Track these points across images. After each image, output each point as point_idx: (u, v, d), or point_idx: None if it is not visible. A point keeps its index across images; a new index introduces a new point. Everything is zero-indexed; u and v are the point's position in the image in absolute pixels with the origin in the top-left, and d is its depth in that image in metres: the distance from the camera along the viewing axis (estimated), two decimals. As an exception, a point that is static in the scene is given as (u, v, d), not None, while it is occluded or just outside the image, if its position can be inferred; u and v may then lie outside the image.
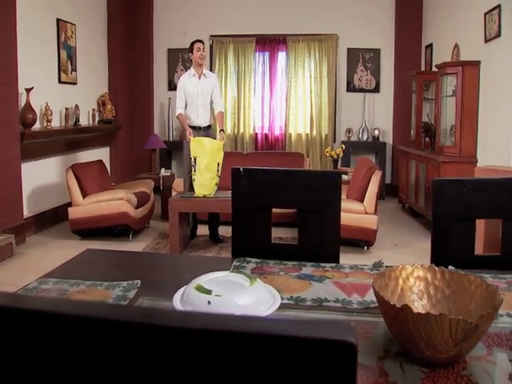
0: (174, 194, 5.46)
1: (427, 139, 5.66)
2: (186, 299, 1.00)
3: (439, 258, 1.53)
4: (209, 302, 0.94)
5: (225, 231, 5.05)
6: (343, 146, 5.85)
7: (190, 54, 4.68)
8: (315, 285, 1.34)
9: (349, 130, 6.77)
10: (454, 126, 5.01)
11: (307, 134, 6.88)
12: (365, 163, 4.85)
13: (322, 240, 1.55)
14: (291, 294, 1.26)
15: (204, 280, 1.02)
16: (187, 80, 4.64)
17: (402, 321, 0.92)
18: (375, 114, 6.80)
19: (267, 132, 7.01)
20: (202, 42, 4.75)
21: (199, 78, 4.66)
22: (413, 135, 6.15)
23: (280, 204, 1.60)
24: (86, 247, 5.29)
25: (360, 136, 6.74)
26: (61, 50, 5.45)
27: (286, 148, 6.85)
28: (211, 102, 4.76)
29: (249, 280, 1.03)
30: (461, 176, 4.90)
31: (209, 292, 0.96)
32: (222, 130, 4.78)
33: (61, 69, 5.47)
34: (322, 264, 1.50)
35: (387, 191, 6.58)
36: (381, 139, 6.75)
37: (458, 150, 4.96)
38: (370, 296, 1.29)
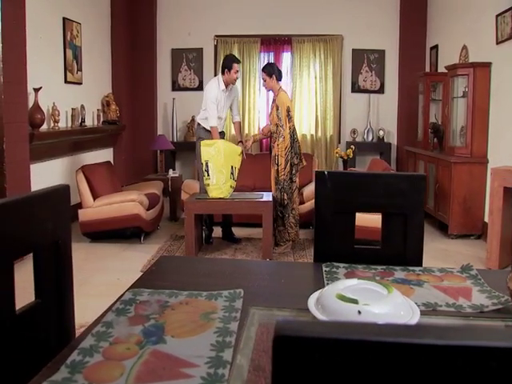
0: (183, 195, 5.40)
1: (435, 140, 5.69)
2: (325, 309, 0.96)
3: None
4: (359, 312, 0.90)
5: (237, 233, 4.99)
6: (353, 146, 5.85)
7: (226, 70, 4.46)
8: (417, 289, 1.31)
9: (354, 131, 6.78)
10: (465, 126, 5.05)
11: (312, 135, 6.87)
12: (379, 164, 4.86)
13: (407, 243, 1.52)
14: (400, 300, 1.22)
15: (339, 289, 0.99)
16: (218, 93, 4.48)
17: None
18: (380, 114, 6.82)
19: (272, 133, 6.97)
20: (240, 62, 4.67)
21: (226, 91, 4.57)
22: (420, 136, 6.19)
23: (365, 207, 1.57)
24: (96, 249, 5.16)
25: (365, 137, 6.75)
26: (67, 49, 5.34)
27: (291, 149, 6.81)
28: (229, 110, 4.75)
29: (385, 288, 1.00)
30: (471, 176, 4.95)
31: (355, 301, 0.92)
32: (241, 141, 4.67)
33: (67, 68, 5.35)
34: (410, 268, 1.48)
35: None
36: (385, 140, 6.77)
37: (469, 150, 4.99)
38: (477, 299, 1.27)
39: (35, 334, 1.10)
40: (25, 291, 1.20)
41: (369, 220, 3.14)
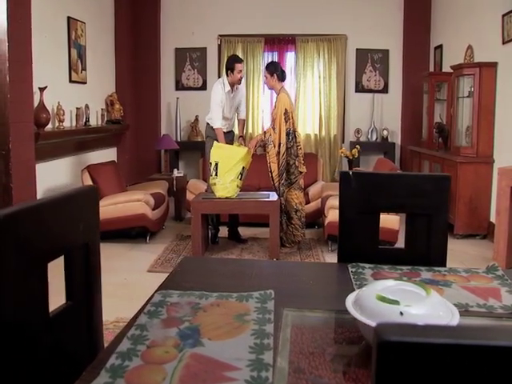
0: (188, 195, 5.39)
1: (440, 140, 5.68)
2: (364, 310, 0.95)
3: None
4: (401, 313, 0.90)
5: (243, 233, 4.98)
6: (358, 146, 5.84)
7: (229, 72, 4.44)
8: (446, 290, 1.31)
9: (358, 131, 6.78)
10: (471, 126, 5.05)
11: (316, 135, 6.86)
12: (385, 164, 4.85)
13: (430, 244, 1.51)
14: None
15: (378, 290, 0.98)
16: (223, 95, 4.48)
17: None
18: (384, 114, 6.82)
19: (275, 132, 6.96)
20: (242, 61, 4.57)
21: (232, 92, 4.56)
22: (425, 136, 6.19)
23: (389, 208, 1.56)
24: (102, 249, 5.19)
25: (369, 136, 6.75)
26: (71, 48, 5.32)
27: (295, 148, 6.80)
28: (236, 109, 4.75)
29: (423, 289, 0.99)
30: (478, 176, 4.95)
31: (397, 302, 0.92)
32: (241, 136, 4.75)
33: (71, 68, 5.33)
34: (436, 268, 1.47)
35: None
36: (389, 140, 6.77)
37: (474, 150, 4.99)
38: (507, 300, 1.26)
39: (67, 337, 1.09)
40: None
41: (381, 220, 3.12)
